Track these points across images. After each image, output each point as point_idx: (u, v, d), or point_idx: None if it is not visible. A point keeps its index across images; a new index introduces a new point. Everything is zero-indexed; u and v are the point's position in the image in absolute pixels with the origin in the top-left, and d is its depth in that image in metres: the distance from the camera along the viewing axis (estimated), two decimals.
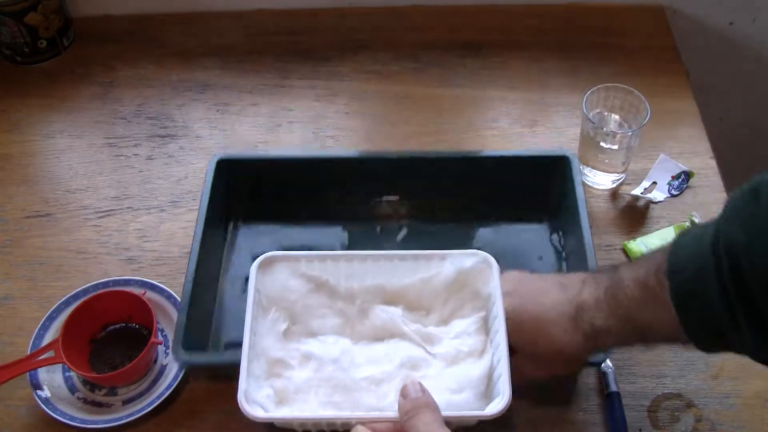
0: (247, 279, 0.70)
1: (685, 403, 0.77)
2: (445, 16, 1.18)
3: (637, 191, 0.93)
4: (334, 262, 0.70)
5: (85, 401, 0.79)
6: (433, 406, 0.59)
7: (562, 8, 1.18)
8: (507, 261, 0.72)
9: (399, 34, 1.16)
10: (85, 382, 0.81)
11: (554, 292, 0.65)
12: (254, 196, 0.91)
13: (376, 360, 0.66)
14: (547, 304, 0.65)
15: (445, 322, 0.69)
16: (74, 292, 0.85)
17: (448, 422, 0.58)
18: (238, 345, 0.67)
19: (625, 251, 0.89)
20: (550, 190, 0.89)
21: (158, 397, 0.77)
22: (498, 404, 0.61)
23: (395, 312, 0.69)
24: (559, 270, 0.87)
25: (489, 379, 0.65)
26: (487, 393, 0.64)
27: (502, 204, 0.90)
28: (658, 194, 0.93)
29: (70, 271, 0.91)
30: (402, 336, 0.68)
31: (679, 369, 0.80)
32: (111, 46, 1.17)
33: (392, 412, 0.60)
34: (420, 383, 0.60)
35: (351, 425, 0.60)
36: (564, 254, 0.87)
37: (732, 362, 0.80)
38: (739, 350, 0.56)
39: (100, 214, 0.96)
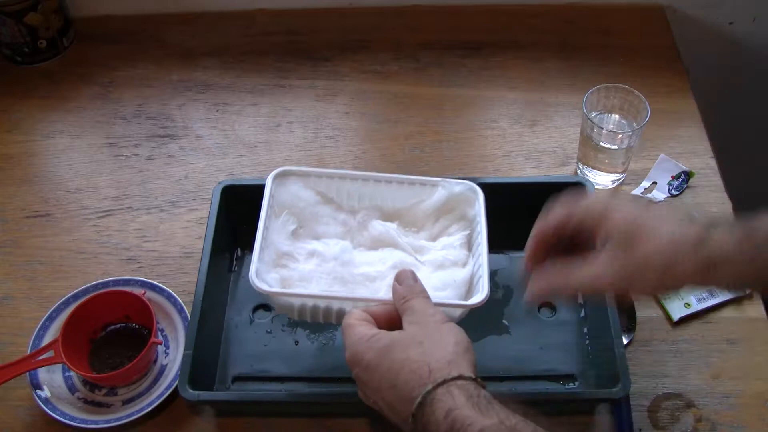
0: (254, 308, 0.84)
1: (685, 403, 0.77)
2: (445, 16, 1.18)
3: (637, 191, 0.93)
4: (341, 180, 0.78)
5: (85, 401, 0.79)
6: (425, 293, 0.66)
7: (562, 8, 1.18)
8: (520, 290, 0.72)
9: (399, 34, 1.16)
10: (85, 382, 0.81)
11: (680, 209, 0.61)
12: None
13: (372, 262, 0.75)
14: (666, 218, 0.59)
15: (434, 238, 0.78)
16: (74, 292, 0.85)
17: None
18: (247, 379, 0.79)
19: None
20: None
21: (158, 397, 0.77)
22: (479, 298, 0.69)
23: (391, 226, 0.77)
24: (575, 301, 0.85)
25: (470, 285, 0.73)
26: (467, 297, 0.72)
27: (515, 230, 0.80)
28: (658, 194, 0.93)
29: (70, 271, 0.91)
30: (395, 246, 0.76)
31: (679, 369, 0.80)
32: (111, 46, 1.17)
33: (386, 297, 0.67)
34: (413, 272, 0.67)
35: (344, 312, 0.68)
36: None
37: (732, 362, 0.80)
38: None
39: (100, 214, 0.96)
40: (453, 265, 0.75)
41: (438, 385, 0.57)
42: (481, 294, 0.69)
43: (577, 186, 0.86)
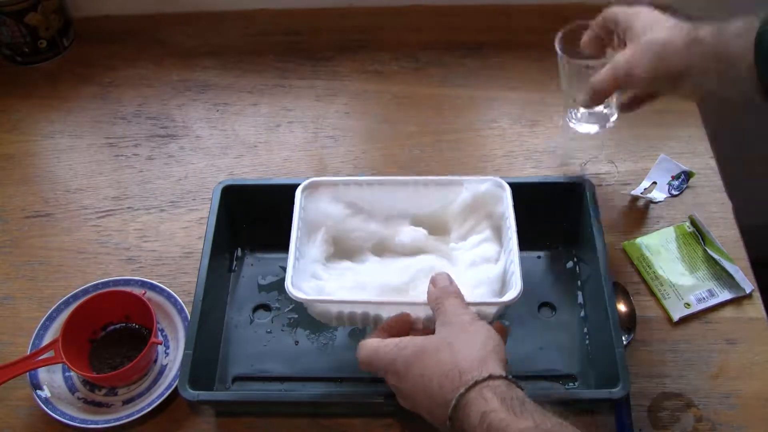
0: (254, 308, 0.85)
1: (685, 403, 0.77)
2: (445, 16, 1.18)
3: (636, 191, 0.93)
4: (369, 186, 0.80)
5: (85, 401, 0.79)
6: (459, 294, 0.67)
7: (562, 8, 1.18)
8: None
9: (399, 34, 1.16)
10: (85, 382, 0.81)
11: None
12: (260, 222, 0.89)
13: (404, 269, 0.76)
14: (670, 18, 0.75)
15: (463, 238, 0.79)
16: (74, 292, 0.85)
17: None
18: (247, 379, 0.80)
19: (625, 251, 0.89)
20: (564, 217, 0.88)
21: (158, 397, 0.77)
22: (512, 294, 0.69)
23: (421, 231, 0.79)
24: (575, 299, 0.85)
25: (503, 281, 0.73)
26: (501, 293, 0.73)
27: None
28: (658, 194, 0.93)
29: (70, 271, 0.91)
30: (426, 251, 0.78)
31: (679, 369, 0.80)
32: (111, 46, 1.17)
33: (421, 300, 0.69)
34: (448, 275, 0.69)
35: (381, 318, 0.71)
36: (579, 282, 0.86)
37: (732, 362, 0.80)
38: None
39: (100, 214, 0.96)
40: (485, 262, 0.76)
41: (470, 388, 0.58)
42: (514, 290, 0.70)
43: (577, 186, 0.86)
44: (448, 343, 0.62)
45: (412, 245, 0.79)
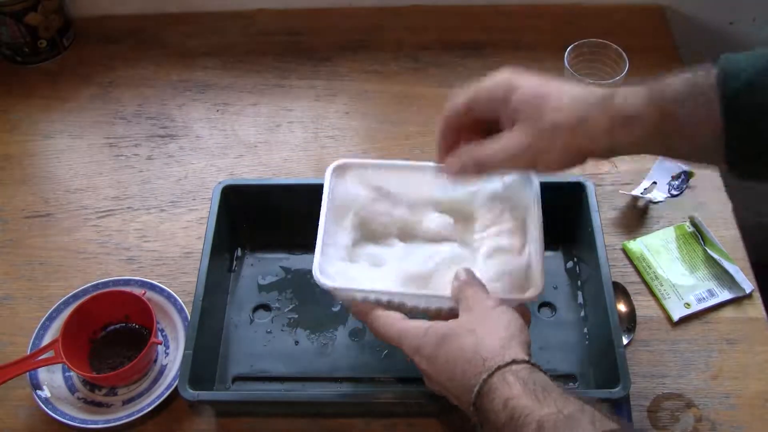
0: (254, 308, 0.85)
1: (685, 403, 0.77)
2: (445, 16, 1.18)
3: (637, 191, 0.93)
4: (397, 171, 0.78)
5: (85, 401, 0.79)
6: (483, 288, 0.66)
7: (562, 8, 1.18)
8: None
9: (399, 34, 1.16)
10: (85, 382, 0.81)
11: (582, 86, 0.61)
12: (260, 222, 0.89)
13: (430, 256, 0.74)
14: (575, 86, 0.61)
15: (488, 228, 0.76)
16: (74, 292, 0.85)
17: None
18: (247, 379, 0.79)
19: (624, 251, 0.89)
20: (564, 217, 0.87)
21: (158, 397, 0.77)
22: (533, 292, 0.69)
23: (447, 219, 0.77)
24: (575, 299, 0.85)
25: (526, 274, 0.71)
26: (525, 285, 0.70)
27: None
28: (658, 194, 0.93)
29: (70, 271, 0.91)
30: (451, 239, 0.77)
31: (679, 369, 0.80)
32: (111, 46, 1.17)
33: (444, 293, 0.68)
34: (471, 270, 0.67)
35: (406, 306, 0.70)
36: (579, 282, 0.86)
37: (732, 362, 0.80)
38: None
39: (100, 214, 0.96)
40: (507, 253, 0.73)
41: (492, 374, 0.57)
42: (535, 288, 0.69)
43: (578, 186, 0.86)
44: (470, 329, 0.61)
45: (437, 232, 0.77)
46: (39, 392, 0.78)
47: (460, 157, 0.66)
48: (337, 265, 0.73)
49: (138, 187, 0.99)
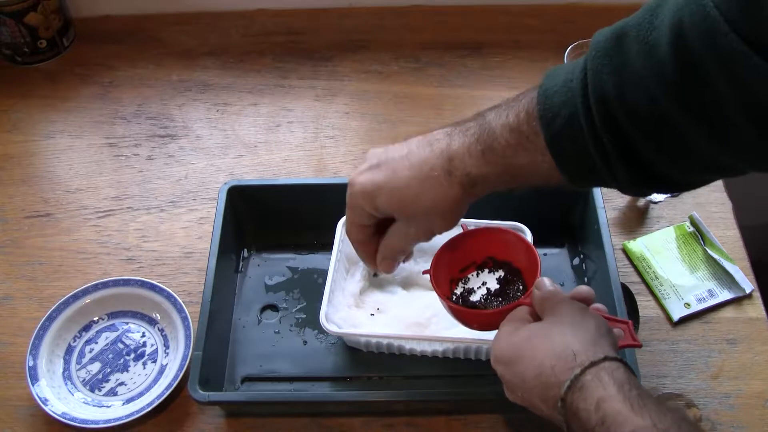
0: (261, 308, 0.86)
1: (685, 403, 0.77)
2: (445, 16, 1.18)
3: None
4: None
5: (85, 401, 0.79)
6: (565, 295, 0.64)
7: (562, 8, 1.18)
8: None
9: (399, 34, 1.16)
10: (85, 382, 0.81)
11: (421, 151, 0.65)
12: (266, 223, 0.90)
13: (428, 306, 0.80)
14: (416, 163, 0.64)
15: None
16: (74, 292, 0.85)
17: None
18: (256, 379, 0.80)
19: (625, 251, 0.89)
20: (570, 215, 0.88)
21: (158, 397, 0.77)
22: None
23: None
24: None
25: None
26: None
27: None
28: (658, 194, 0.93)
29: (70, 271, 0.91)
30: None
31: (679, 369, 0.80)
32: (111, 46, 1.17)
33: (438, 335, 0.76)
34: (551, 280, 0.65)
35: (404, 348, 0.78)
36: (586, 279, 0.86)
37: (732, 362, 0.80)
38: (611, 186, 0.60)
39: (100, 214, 0.96)
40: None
41: (585, 369, 0.56)
42: None
43: None
44: (559, 328, 0.60)
45: None
46: (39, 392, 0.78)
47: (381, 256, 0.70)
48: (344, 311, 0.80)
49: (138, 187, 0.99)
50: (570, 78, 0.59)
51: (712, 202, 0.93)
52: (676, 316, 0.83)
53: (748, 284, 0.85)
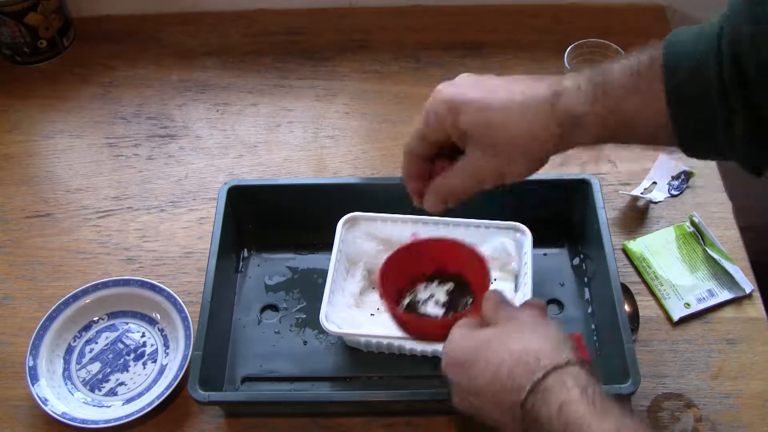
0: (261, 308, 0.86)
1: (685, 403, 0.77)
2: (445, 16, 1.18)
3: (636, 191, 0.93)
4: (403, 224, 0.84)
5: (85, 401, 0.79)
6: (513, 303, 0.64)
7: (562, 8, 1.18)
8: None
9: (399, 34, 1.16)
10: (85, 382, 0.81)
11: (526, 80, 0.60)
12: (266, 223, 0.89)
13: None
14: (518, 89, 0.59)
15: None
16: (74, 292, 0.85)
17: None
18: (256, 379, 0.80)
19: (625, 251, 0.89)
20: (570, 214, 0.88)
21: (158, 397, 0.77)
22: None
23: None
24: (582, 296, 0.85)
25: None
26: None
27: None
28: (658, 194, 0.93)
29: (70, 271, 0.91)
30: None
31: (679, 369, 0.80)
32: (111, 46, 1.17)
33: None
34: (501, 293, 0.65)
35: (404, 348, 0.78)
36: (586, 279, 0.86)
37: (732, 362, 0.80)
38: (726, 156, 0.56)
39: (100, 214, 0.96)
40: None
41: (548, 373, 0.54)
42: None
43: (583, 183, 0.86)
44: (518, 332, 0.58)
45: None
46: (39, 392, 0.78)
47: (433, 193, 0.66)
48: (344, 312, 0.80)
49: (138, 187, 0.99)
50: (701, 30, 0.55)
51: (712, 202, 0.93)
52: (676, 316, 0.83)
53: (748, 284, 0.85)
